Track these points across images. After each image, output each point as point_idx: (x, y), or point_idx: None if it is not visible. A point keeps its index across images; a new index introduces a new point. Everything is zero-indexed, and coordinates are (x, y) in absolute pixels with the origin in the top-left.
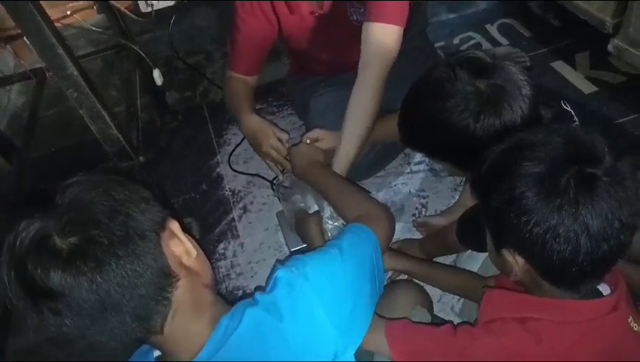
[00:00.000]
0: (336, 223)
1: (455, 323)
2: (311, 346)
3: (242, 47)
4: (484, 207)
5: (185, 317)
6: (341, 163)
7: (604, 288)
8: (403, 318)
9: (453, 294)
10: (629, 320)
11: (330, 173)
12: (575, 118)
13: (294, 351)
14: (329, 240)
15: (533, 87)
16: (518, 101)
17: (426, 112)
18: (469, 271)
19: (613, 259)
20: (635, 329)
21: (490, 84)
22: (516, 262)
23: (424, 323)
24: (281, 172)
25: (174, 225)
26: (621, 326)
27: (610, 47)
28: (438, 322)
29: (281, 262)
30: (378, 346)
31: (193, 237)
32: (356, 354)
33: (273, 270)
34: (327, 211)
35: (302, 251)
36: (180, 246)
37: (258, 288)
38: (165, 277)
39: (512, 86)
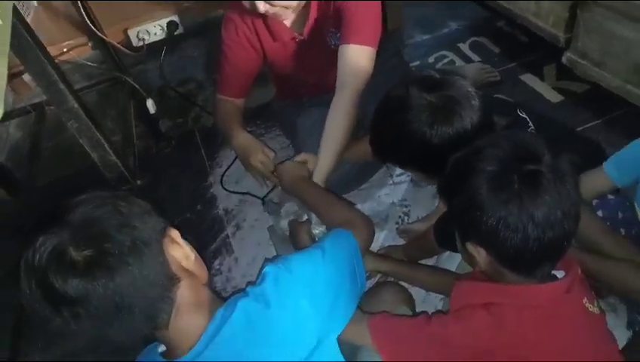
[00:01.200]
0: (322, 228)
1: None
2: (295, 330)
3: (229, 72)
4: (449, 207)
5: (186, 313)
6: (319, 174)
7: (559, 273)
8: (384, 311)
9: (432, 291)
10: (584, 301)
11: (314, 187)
12: (530, 124)
13: (281, 334)
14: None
15: (483, 97)
16: (467, 110)
17: (388, 127)
18: (445, 269)
19: (560, 245)
20: (590, 309)
21: (440, 96)
22: (479, 253)
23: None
24: (271, 188)
25: (174, 233)
26: (576, 307)
27: (564, 60)
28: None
29: (269, 260)
30: (361, 336)
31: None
32: (343, 349)
33: (262, 266)
34: (314, 219)
35: None
36: (180, 251)
37: (249, 283)
38: (168, 279)
39: (461, 97)
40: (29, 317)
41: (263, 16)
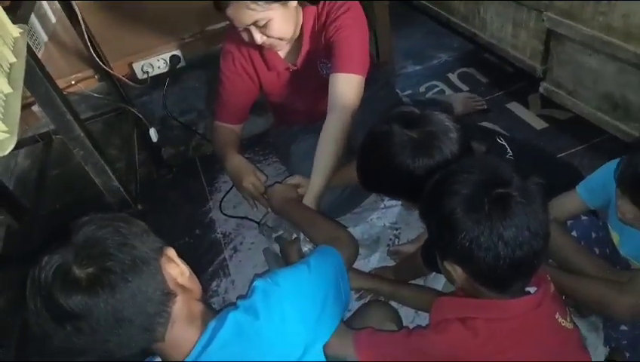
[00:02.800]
0: (310, 246)
1: None
2: (283, 340)
3: (227, 100)
4: (428, 228)
5: (181, 325)
6: (310, 196)
7: (532, 289)
8: (369, 327)
9: (416, 308)
10: (557, 316)
11: (302, 207)
12: (509, 150)
13: (269, 344)
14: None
15: (461, 129)
16: (446, 143)
17: (374, 161)
18: (430, 288)
19: (530, 263)
20: (563, 324)
21: (420, 131)
22: (455, 271)
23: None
24: (266, 212)
25: (170, 251)
26: (547, 320)
27: (541, 90)
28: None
29: (258, 276)
30: (346, 349)
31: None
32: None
33: (252, 281)
34: (302, 236)
35: None
36: (176, 268)
37: (240, 296)
38: (165, 295)
39: (440, 132)
40: (33, 334)
41: (259, 47)
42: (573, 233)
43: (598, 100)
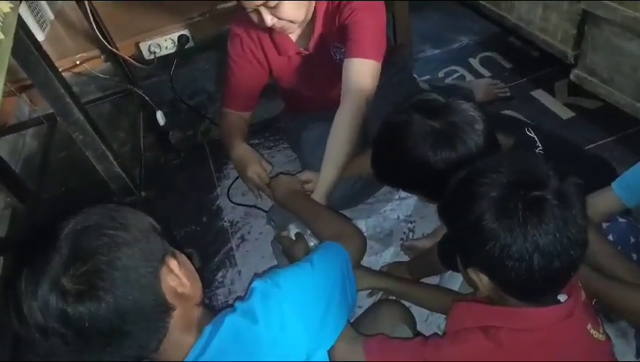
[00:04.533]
0: (316, 242)
1: None
2: (282, 346)
3: (235, 87)
4: (449, 230)
5: (177, 335)
6: (321, 188)
7: (562, 297)
8: (380, 334)
9: (432, 310)
10: (588, 327)
11: (307, 200)
12: (538, 143)
13: (267, 350)
14: None
15: (488, 120)
16: (471, 135)
17: (390, 154)
18: (446, 289)
19: (566, 273)
20: (595, 336)
21: (443, 122)
22: (481, 280)
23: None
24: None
25: (172, 263)
26: (577, 332)
27: (572, 77)
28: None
29: (258, 275)
30: (355, 357)
31: (190, 259)
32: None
33: (251, 281)
34: (308, 231)
35: None
36: (176, 280)
37: (238, 298)
38: (163, 311)
39: (464, 123)
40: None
41: (269, 31)
42: (610, 236)
43: (637, 89)
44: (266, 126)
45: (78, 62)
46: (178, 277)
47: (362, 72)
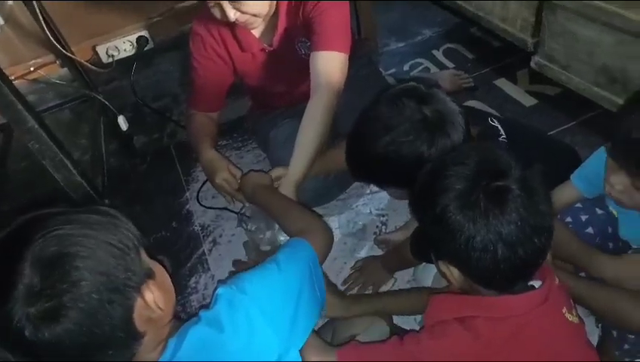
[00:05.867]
0: (285, 238)
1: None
2: (252, 352)
3: (200, 87)
4: (420, 224)
5: (143, 354)
6: (289, 182)
7: (536, 283)
8: (350, 340)
9: (415, 314)
10: (563, 311)
11: (276, 194)
12: (502, 132)
13: (236, 358)
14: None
15: (462, 107)
16: (458, 120)
17: (374, 149)
18: (420, 288)
19: (533, 261)
20: (570, 319)
21: (434, 109)
22: (451, 272)
23: (375, 341)
24: (244, 204)
25: (148, 296)
26: (553, 317)
27: (532, 64)
28: (397, 333)
29: (222, 281)
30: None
31: (164, 267)
32: None
33: (215, 288)
34: (277, 226)
35: None
36: (150, 310)
37: (202, 306)
38: (134, 339)
39: (449, 109)
40: None
41: (231, 27)
42: (590, 229)
43: (594, 74)
44: (233, 126)
45: (32, 69)
46: (152, 308)
47: (330, 65)
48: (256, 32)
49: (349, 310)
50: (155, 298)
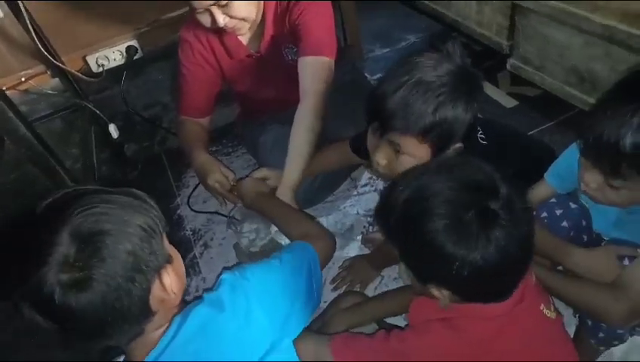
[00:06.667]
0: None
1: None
2: (246, 335)
3: (190, 93)
4: (399, 250)
5: (150, 331)
6: (286, 186)
7: None
8: (344, 331)
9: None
10: (541, 307)
11: (275, 201)
12: (482, 134)
13: (231, 338)
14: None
15: None
16: None
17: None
18: (405, 289)
19: (518, 275)
20: (548, 314)
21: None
22: (442, 294)
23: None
24: (234, 206)
25: (166, 279)
26: (532, 315)
27: (508, 66)
28: (385, 327)
29: (227, 268)
30: (323, 358)
31: (176, 248)
32: None
33: (220, 274)
34: (274, 229)
35: None
36: (166, 293)
37: (206, 289)
38: (145, 317)
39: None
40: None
41: (219, 34)
42: (565, 223)
43: (565, 74)
44: (222, 133)
45: (23, 80)
46: (167, 291)
47: (318, 70)
48: (244, 39)
49: (346, 322)
50: (171, 282)
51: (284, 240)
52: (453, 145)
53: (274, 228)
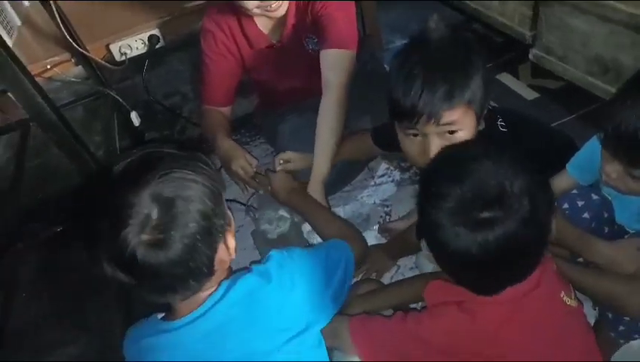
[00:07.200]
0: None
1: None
2: (289, 308)
3: (212, 82)
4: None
5: (202, 290)
6: (317, 178)
7: None
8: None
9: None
10: (562, 294)
11: (310, 201)
12: (502, 122)
13: (275, 309)
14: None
15: None
16: None
17: None
18: (419, 279)
19: (527, 265)
20: (568, 302)
21: None
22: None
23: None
24: (252, 194)
25: (230, 241)
26: (550, 301)
27: (530, 57)
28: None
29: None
30: (341, 334)
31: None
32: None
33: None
34: (307, 228)
35: None
36: (226, 254)
37: (253, 262)
38: (207, 276)
39: None
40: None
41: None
42: (586, 214)
43: (588, 64)
44: (241, 123)
45: (48, 67)
46: (229, 252)
47: (341, 63)
48: (265, 29)
49: (361, 306)
50: (232, 247)
51: (306, 228)
52: (484, 112)
53: (296, 217)
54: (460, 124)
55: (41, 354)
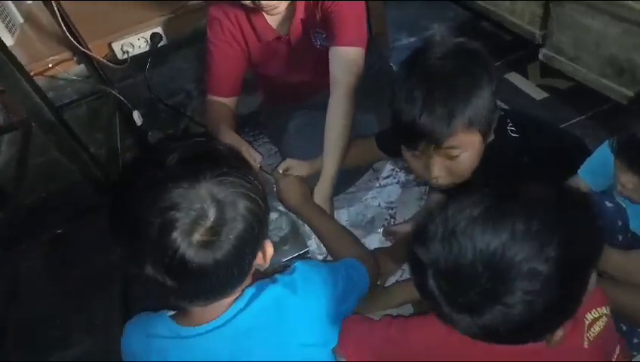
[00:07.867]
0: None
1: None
2: (311, 322)
3: (218, 71)
4: None
5: (230, 295)
6: (326, 181)
7: None
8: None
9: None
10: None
11: (322, 214)
12: (512, 127)
13: (299, 321)
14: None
15: None
16: None
17: None
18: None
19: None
20: None
21: None
22: None
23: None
24: None
25: (269, 249)
26: None
27: (540, 56)
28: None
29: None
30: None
31: None
32: None
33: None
34: (314, 244)
35: None
36: (262, 262)
37: (276, 272)
38: (241, 282)
39: None
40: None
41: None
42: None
43: (601, 65)
44: (245, 121)
45: (50, 66)
46: (266, 259)
47: (350, 61)
48: (273, 23)
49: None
50: (269, 255)
51: (306, 230)
52: (493, 125)
53: (299, 223)
54: (462, 146)
55: (43, 354)
